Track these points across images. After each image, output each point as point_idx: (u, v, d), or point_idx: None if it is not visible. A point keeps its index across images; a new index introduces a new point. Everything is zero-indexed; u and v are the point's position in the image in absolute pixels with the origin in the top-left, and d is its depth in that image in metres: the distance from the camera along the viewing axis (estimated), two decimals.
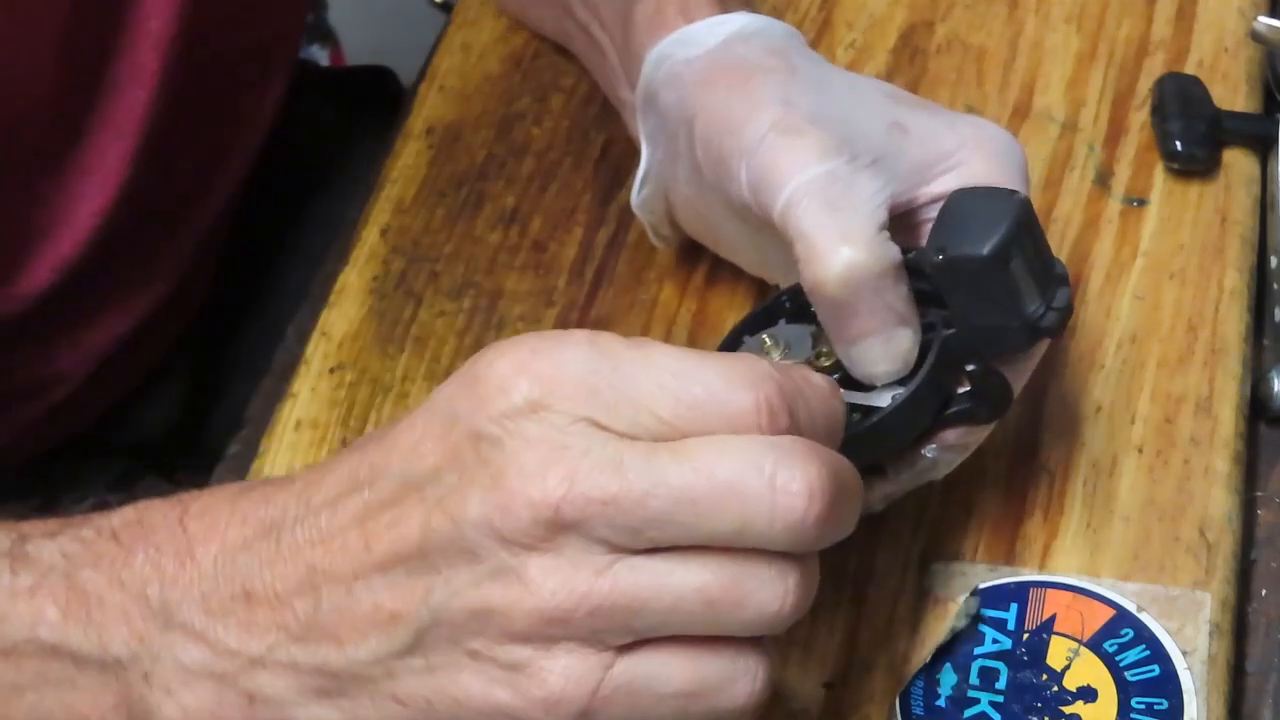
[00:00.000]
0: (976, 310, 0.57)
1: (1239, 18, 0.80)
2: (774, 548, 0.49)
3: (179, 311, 0.88)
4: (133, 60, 0.73)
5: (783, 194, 0.57)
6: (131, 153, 0.75)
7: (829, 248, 0.56)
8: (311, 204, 0.94)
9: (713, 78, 0.63)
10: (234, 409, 0.75)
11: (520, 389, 0.49)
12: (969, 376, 0.58)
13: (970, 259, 0.55)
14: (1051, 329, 0.57)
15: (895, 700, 0.60)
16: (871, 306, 0.56)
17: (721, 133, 0.61)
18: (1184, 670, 0.60)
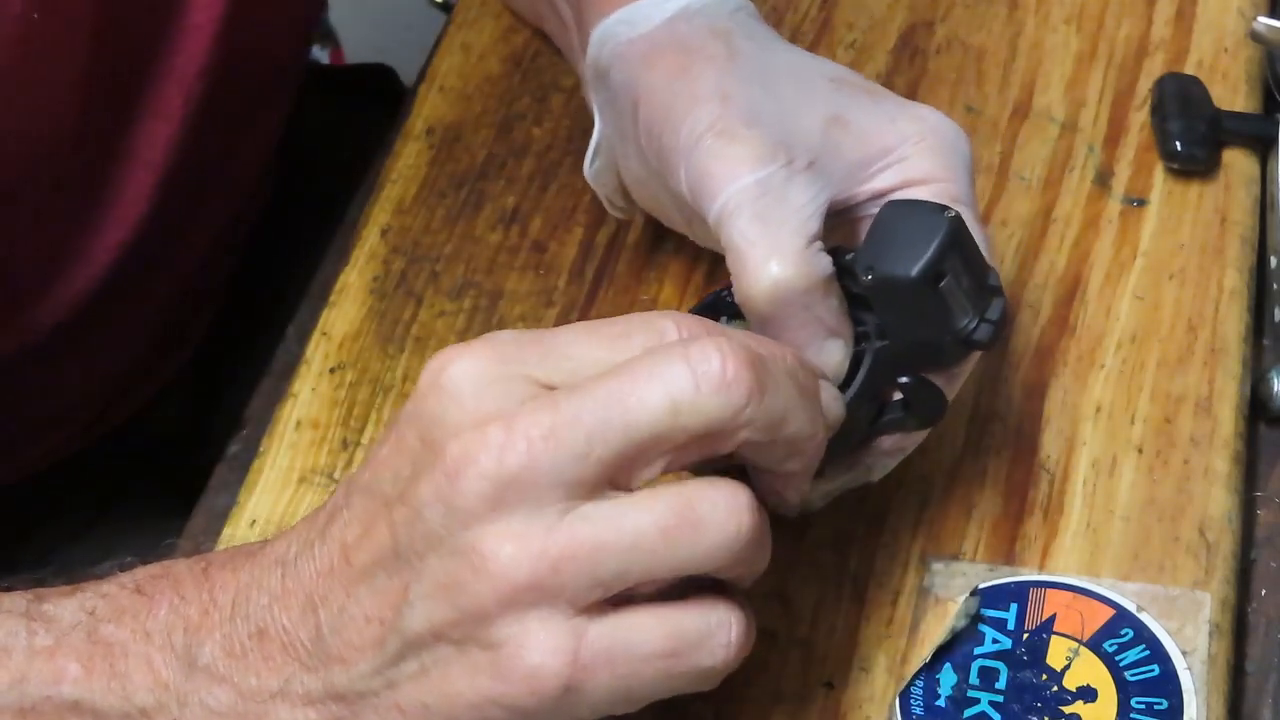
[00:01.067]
0: (908, 326, 0.57)
1: (1238, 18, 0.80)
2: (713, 423, 0.49)
3: (191, 326, 0.88)
4: (157, 96, 0.73)
5: (716, 203, 0.58)
6: (154, 185, 0.75)
7: (757, 264, 0.56)
8: (312, 203, 0.94)
9: (653, 61, 0.62)
10: (234, 409, 0.75)
11: (454, 364, 0.50)
12: (902, 389, 0.58)
13: (899, 279, 0.56)
14: (983, 342, 0.57)
15: (895, 700, 0.60)
16: (800, 321, 0.57)
17: (662, 126, 0.61)
18: (1184, 670, 0.60)
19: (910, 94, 0.79)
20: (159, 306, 0.83)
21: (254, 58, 0.77)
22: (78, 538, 0.84)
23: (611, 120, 0.65)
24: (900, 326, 0.57)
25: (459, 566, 0.49)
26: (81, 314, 0.77)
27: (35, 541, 0.83)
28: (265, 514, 0.68)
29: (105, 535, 0.84)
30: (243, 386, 0.76)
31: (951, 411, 0.60)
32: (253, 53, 0.77)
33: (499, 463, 0.48)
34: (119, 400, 0.85)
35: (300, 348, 0.74)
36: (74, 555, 0.82)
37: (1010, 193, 0.75)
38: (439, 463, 0.49)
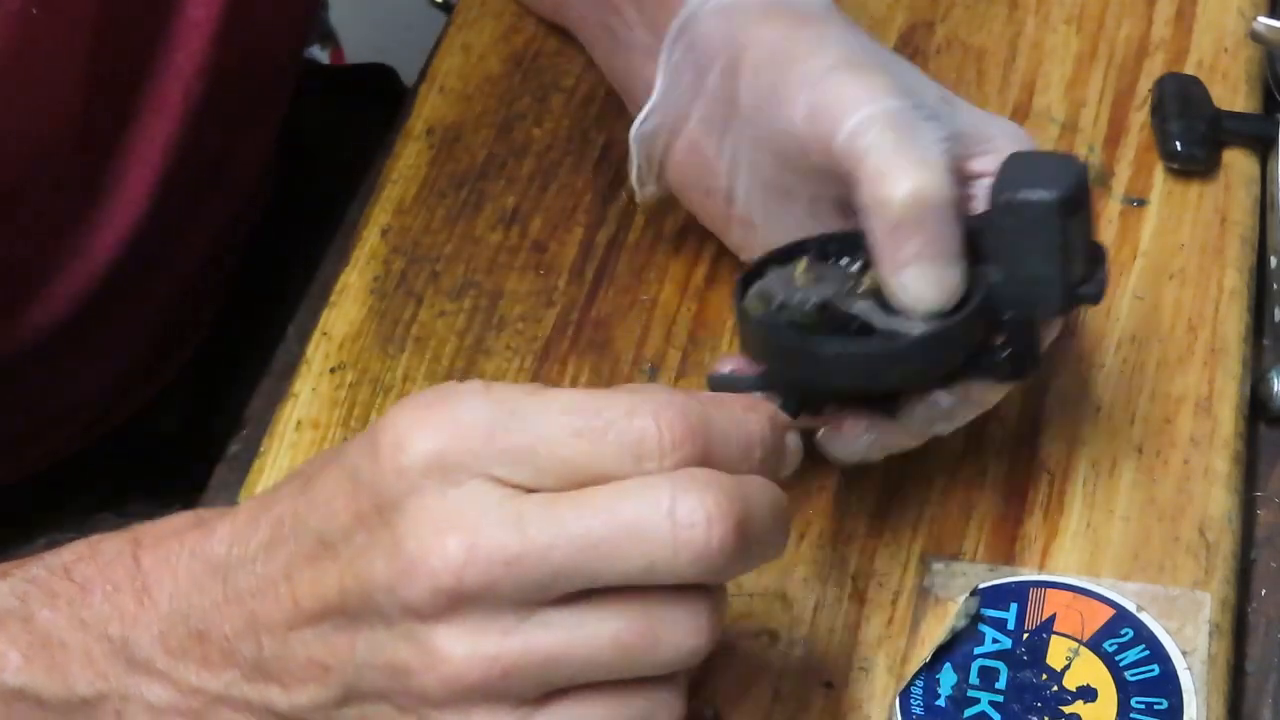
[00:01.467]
0: (1027, 260, 0.57)
1: (1238, 18, 0.80)
2: (685, 581, 0.48)
3: (192, 326, 0.88)
4: (157, 94, 0.73)
5: (851, 119, 0.58)
6: (153, 184, 0.75)
7: (901, 165, 0.57)
8: (312, 203, 0.94)
9: (771, 16, 0.63)
10: (234, 409, 0.75)
11: (416, 445, 0.48)
12: (1006, 325, 0.58)
13: (1038, 203, 0.56)
14: (1090, 296, 0.58)
15: (895, 700, 0.60)
16: (932, 233, 0.57)
17: (780, 63, 0.61)
18: (1184, 670, 0.60)
19: None
20: (159, 306, 0.83)
21: (252, 56, 0.77)
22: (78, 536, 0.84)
23: (685, 78, 0.65)
24: (1018, 260, 0.57)
25: (409, 654, 0.48)
26: (81, 313, 0.77)
27: (35, 540, 0.83)
28: None
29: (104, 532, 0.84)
30: (243, 386, 0.76)
31: None
32: (251, 51, 0.77)
33: (457, 579, 0.47)
34: (120, 400, 0.85)
35: (300, 348, 0.74)
36: None
37: None
38: (395, 552, 0.48)
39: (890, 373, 0.57)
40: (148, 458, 0.89)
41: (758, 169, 0.64)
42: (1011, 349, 0.59)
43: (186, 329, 0.88)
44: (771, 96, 0.61)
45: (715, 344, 0.71)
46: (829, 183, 0.61)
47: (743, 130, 0.64)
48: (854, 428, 0.60)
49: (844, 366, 0.57)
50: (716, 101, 0.64)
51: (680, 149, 0.67)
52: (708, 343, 0.72)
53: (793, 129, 0.60)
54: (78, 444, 0.84)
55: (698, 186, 0.68)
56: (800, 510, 0.66)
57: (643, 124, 0.67)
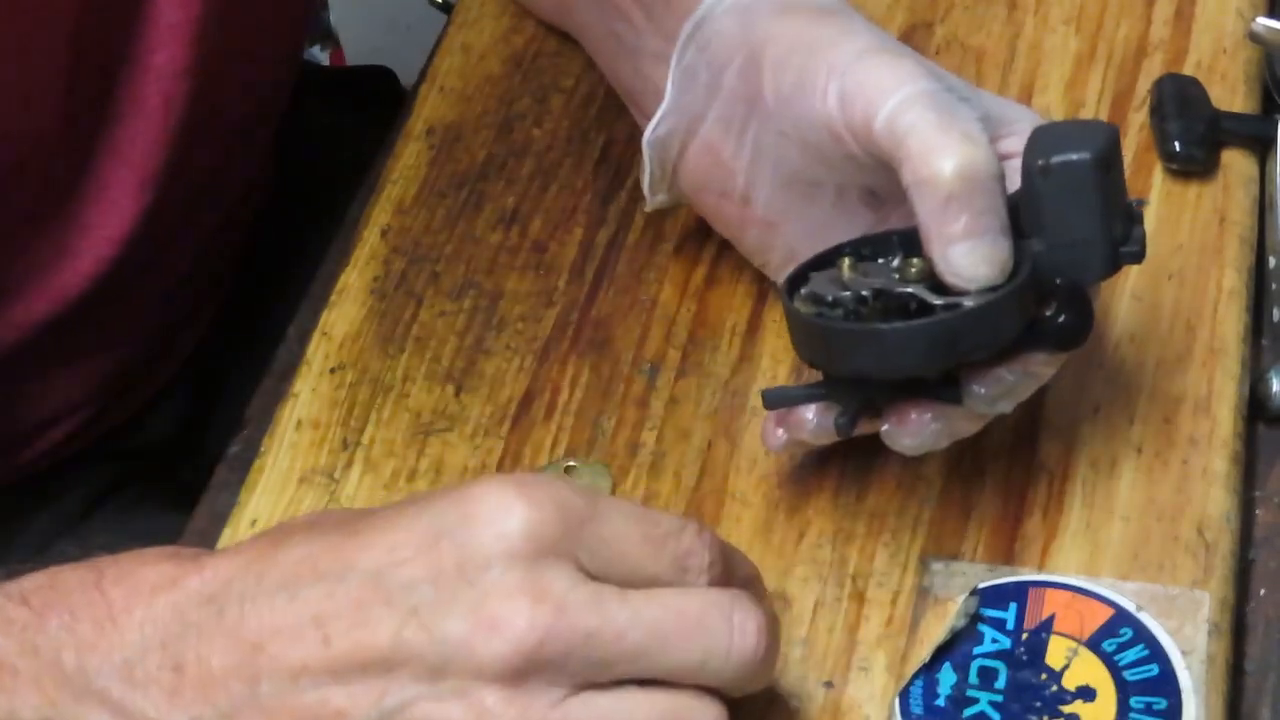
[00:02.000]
0: (1069, 223, 0.58)
1: (1237, 19, 0.80)
2: (723, 682, 0.52)
3: (188, 327, 0.88)
4: (136, 95, 0.73)
5: (890, 100, 0.58)
6: (139, 184, 0.75)
7: (947, 142, 0.57)
8: (312, 204, 0.94)
9: (789, 12, 0.63)
10: (234, 409, 0.75)
11: (519, 514, 0.51)
12: (1057, 291, 0.58)
13: (1076, 162, 0.57)
14: (1134, 255, 0.59)
15: (895, 700, 0.60)
16: (981, 206, 0.57)
17: (806, 53, 0.61)
18: (1183, 670, 0.60)
19: None
20: (152, 308, 0.83)
21: (240, 58, 0.77)
22: (73, 534, 0.84)
23: (699, 80, 0.65)
24: (1060, 224, 0.58)
25: (454, 707, 0.50)
26: (73, 313, 0.77)
27: (31, 537, 0.83)
28: (265, 514, 0.68)
29: (100, 532, 0.84)
30: (243, 387, 0.76)
31: None
32: (238, 53, 0.77)
33: (540, 644, 0.50)
34: (116, 400, 0.85)
35: (300, 348, 0.74)
36: (68, 552, 0.83)
37: None
38: (478, 610, 0.50)
39: (955, 345, 0.57)
40: (146, 456, 0.89)
41: (781, 165, 0.64)
42: (1064, 316, 0.59)
43: (183, 330, 0.88)
44: (799, 86, 0.61)
45: (715, 344, 0.72)
46: (859, 171, 0.62)
47: (766, 125, 0.63)
48: (920, 418, 0.60)
49: (910, 344, 0.57)
50: (735, 100, 0.64)
51: (694, 152, 0.67)
52: (708, 343, 0.72)
53: (824, 116, 0.60)
54: (76, 444, 0.84)
55: (712, 189, 0.68)
56: (800, 510, 0.66)
57: (655, 129, 0.67)
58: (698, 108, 0.66)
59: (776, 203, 0.66)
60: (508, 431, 0.70)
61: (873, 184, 0.63)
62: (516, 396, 0.71)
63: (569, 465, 0.69)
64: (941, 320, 0.57)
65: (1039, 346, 0.60)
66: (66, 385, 0.82)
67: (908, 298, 0.58)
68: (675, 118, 0.67)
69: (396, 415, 0.71)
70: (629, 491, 0.68)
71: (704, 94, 0.65)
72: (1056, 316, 0.59)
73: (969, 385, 0.60)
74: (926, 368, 0.58)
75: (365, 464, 0.69)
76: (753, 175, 0.66)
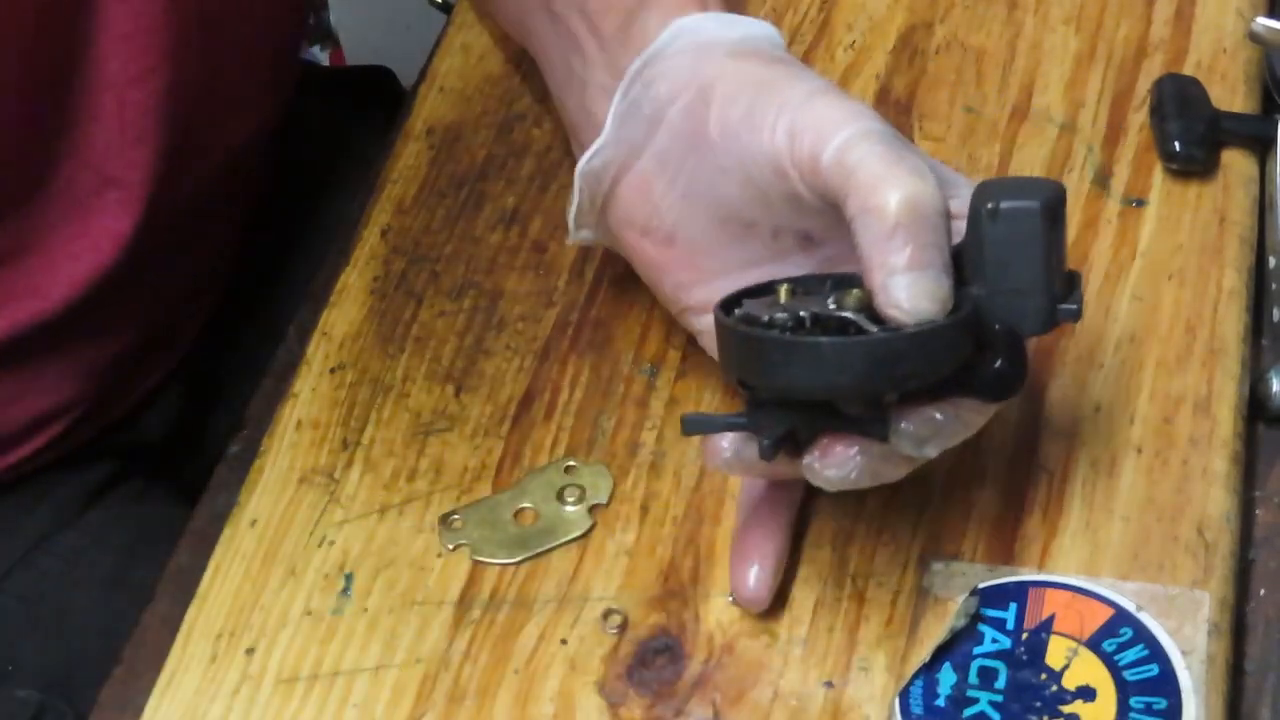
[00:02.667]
0: (1012, 270, 0.58)
1: (1237, 19, 0.80)
2: None
3: (184, 323, 0.88)
4: (90, 100, 0.73)
5: (840, 135, 0.58)
6: (120, 190, 0.75)
7: (896, 175, 0.57)
8: (312, 204, 0.94)
9: (741, 55, 0.64)
10: (235, 409, 0.75)
11: None
12: (996, 338, 0.58)
13: (1024, 209, 0.57)
14: (1072, 314, 0.58)
15: (895, 700, 0.60)
16: (927, 241, 0.57)
17: (757, 91, 0.62)
18: (1183, 670, 0.60)
19: (910, 94, 0.79)
20: (147, 306, 0.83)
21: (216, 72, 0.77)
22: (73, 527, 0.84)
23: (644, 113, 0.65)
24: (1000, 274, 0.58)
25: None
26: (63, 314, 0.77)
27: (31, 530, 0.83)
28: (266, 514, 0.68)
29: (100, 525, 0.84)
30: (240, 384, 0.76)
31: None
32: (212, 67, 0.77)
33: None
34: (110, 396, 0.85)
35: (301, 348, 0.74)
36: (64, 542, 0.83)
37: None
38: None
39: (893, 367, 0.56)
40: (141, 455, 0.89)
41: (718, 203, 0.64)
42: (1001, 362, 0.58)
43: (177, 327, 0.88)
44: (748, 121, 0.61)
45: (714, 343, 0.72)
46: (797, 212, 0.61)
47: (707, 161, 0.63)
48: (846, 450, 0.58)
49: (848, 359, 0.56)
50: (676, 136, 0.64)
51: (626, 187, 0.66)
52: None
53: (771, 151, 0.60)
54: (67, 442, 0.84)
55: (636, 226, 0.67)
56: (800, 510, 0.66)
57: (590, 160, 0.67)
58: (637, 142, 0.66)
59: (707, 240, 0.65)
60: (508, 431, 0.70)
61: (809, 227, 0.63)
62: (516, 396, 0.71)
63: (569, 465, 0.69)
64: (883, 338, 0.56)
65: (973, 391, 0.59)
66: (58, 382, 0.82)
67: (846, 321, 0.57)
68: (612, 150, 0.66)
69: (396, 415, 0.71)
70: (629, 491, 0.68)
71: (645, 128, 0.65)
72: (993, 362, 0.58)
73: (898, 423, 0.58)
74: (862, 387, 0.57)
75: (365, 464, 0.70)
76: (683, 213, 0.65)
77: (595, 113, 0.68)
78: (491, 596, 0.65)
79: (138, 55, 0.73)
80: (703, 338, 0.67)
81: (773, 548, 0.63)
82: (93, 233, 0.76)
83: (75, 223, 0.76)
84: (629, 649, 0.63)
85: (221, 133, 0.81)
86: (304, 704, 0.63)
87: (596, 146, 0.66)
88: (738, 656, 0.63)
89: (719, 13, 0.66)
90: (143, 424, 0.88)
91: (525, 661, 0.63)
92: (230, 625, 0.65)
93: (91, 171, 0.75)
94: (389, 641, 0.64)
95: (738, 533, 0.64)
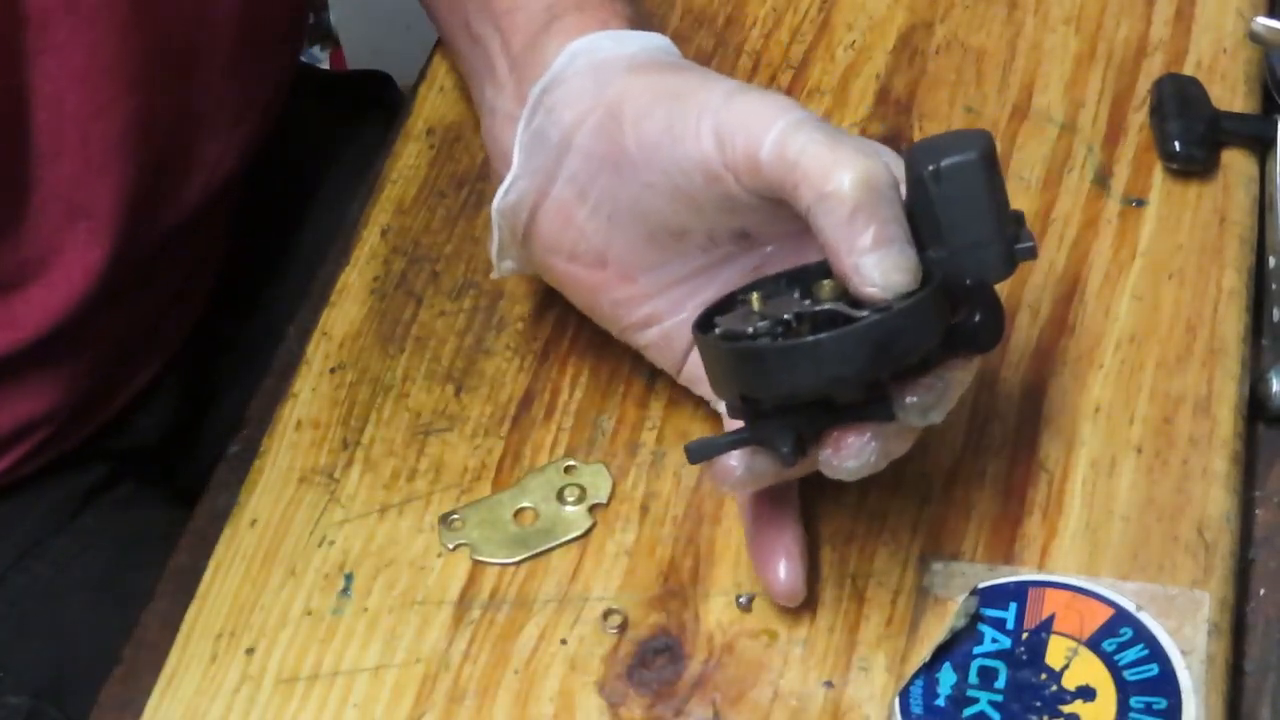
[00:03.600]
0: (964, 225, 0.58)
1: (1237, 19, 0.80)
2: None
3: (171, 330, 0.88)
4: (55, 132, 0.73)
5: (773, 129, 0.58)
6: (94, 220, 0.76)
7: (844, 155, 0.57)
8: (312, 204, 0.94)
9: (642, 69, 0.63)
10: (234, 409, 0.75)
11: None
12: (969, 294, 0.58)
13: (963, 163, 0.57)
14: (1029, 252, 0.59)
15: (895, 700, 0.60)
16: (887, 216, 0.57)
17: (671, 101, 0.61)
18: (1182, 669, 0.60)
19: (910, 94, 0.79)
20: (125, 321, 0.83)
21: (181, 98, 0.77)
22: (65, 530, 0.84)
23: (552, 140, 0.64)
24: (954, 232, 0.58)
25: None
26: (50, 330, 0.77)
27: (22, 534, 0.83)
28: (266, 514, 0.68)
29: (92, 528, 0.84)
30: (233, 387, 0.76)
31: (951, 411, 0.60)
32: (180, 94, 0.77)
33: None
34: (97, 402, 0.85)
35: (301, 347, 0.74)
36: (56, 546, 0.83)
37: (1010, 193, 0.75)
38: None
39: (892, 347, 0.56)
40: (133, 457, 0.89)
41: (647, 218, 0.63)
42: (980, 315, 0.59)
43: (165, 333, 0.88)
44: (668, 132, 0.61)
45: None
46: (732, 213, 0.61)
47: (629, 180, 0.62)
48: (859, 439, 0.59)
49: (850, 350, 0.56)
50: (589, 159, 0.63)
51: (546, 215, 0.66)
52: None
53: (700, 157, 0.60)
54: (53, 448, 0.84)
55: (563, 253, 0.66)
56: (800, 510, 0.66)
57: (505, 196, 0.66)
58: (548, 170, 0.65)
59: (638, 258, 0.65)
60: (508, 431, 0.70)
61: (745, 225, 0.63)
62: (516, 396, 0.71)
63: (569, 465, 0.69)
64: (878, 321, 0.56)
65: (961, 348, 0.59)
66: (38, 392, 0.81)
67: (831, 314, 0.57)
68: (524, 183, 0.66)
69: (396, 415, 0.71)
70: (629, 491, 0.68)
71: (555, 155, 0.64)
72: (972, 317, 0.58)
73: (901, 398, 0.58)
74: (868, 374, 0.57)
75: (365, 464, 0.69)
76: (611, 234, 0.64)
77: (503, 141, 0.67)
78: (491, 596, 0.65)
79: (97, 90, 0.73)
80: (649, 352, 0.67)
81: (791, 538, 0.63)
82: (65, 263, 0.77)
83: (48, 254, 0.76)
84: (629, 649, 0.63)
85: (201, 155, 0.81)
86: (304, 704, 0.63)
87: (509, 181, 0.66)
88: (738, 656, 0.63)
89: (614, 30, 0.65)
90: (134, 427, 0.88)
91: (525, 661, 0.63)
92: (230, 625, 0.65)
93: (61, 203, 0.75)
94: (389, 641, 0.64)
95: (751, 534, 0.64)
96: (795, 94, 0.80)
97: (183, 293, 0.87)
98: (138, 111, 0.75)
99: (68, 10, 0.71)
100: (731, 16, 0.83)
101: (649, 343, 0.66)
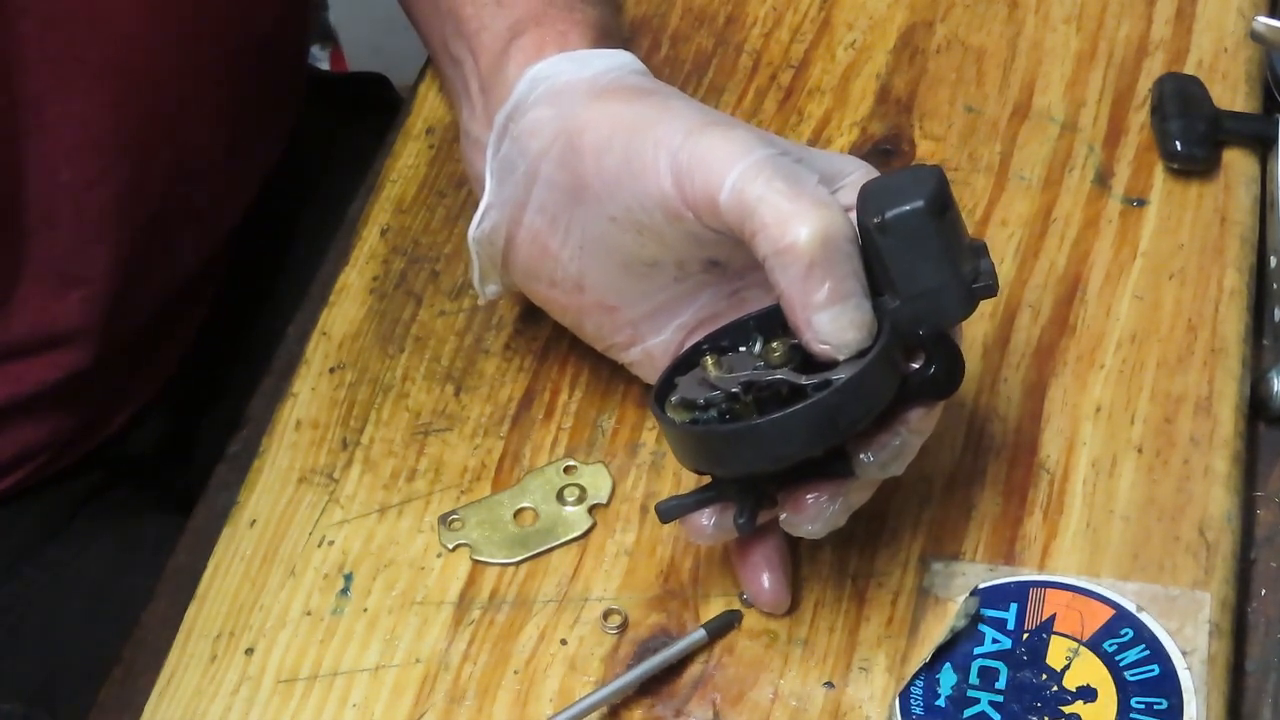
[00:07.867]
0: (917, 274, 0.57)
1: (1238, 18, 0.80)
2: None
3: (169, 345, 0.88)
4: (46, 205, 0.73)
5: (732, 173, 0.57)
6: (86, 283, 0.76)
7: (802, 207, 0.56)
8: (311, 205, 0.94)
9: (602, 96, 0.63)
10: (224, 418, 0.75)
11: None
12: (924, 343, 0.58)
13: (909, 213, 0.56)
14: (987, 290, 0.58)
15: (895, 700, 0.60)
16: (843, 272, 0.56)
17: (629, 135, 0.60)
18: (1183, 670, 0.60)
19: (910, 94, 0.79)
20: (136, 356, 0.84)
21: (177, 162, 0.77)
22: (60, 537, 0.83)
23: (518, 171, 0.64)
24: (909, 277, 0.57)
25: None
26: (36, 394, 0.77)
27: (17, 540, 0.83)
28: (265, 514, 0.68)
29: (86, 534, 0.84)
30: (229, 395, 0.76)
31: (951, 411, 0.60)
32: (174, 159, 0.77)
33: None
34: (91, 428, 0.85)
35: (300, 347, 0.74)
36: (50, 553, 0.82)
37: (1010, 192, 0.75)
38: None
39: (835, 422, 0.56)
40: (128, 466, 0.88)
41: (616, 250, 0.63)
42: (935, 367, 0.58)
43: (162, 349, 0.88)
44: (627, 168, 0.60)
45: None
46: (699, 246, 0.61)
47: (594, 212, 0.62)
48: (817, 501, 0.59)
49: (791, 432, 0.56)
50: (555, 189, 0.63)
51: (522, 242, 0.65)
52: None
53: (659, 195, 0.59)
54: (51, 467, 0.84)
55: (543, 279, 0.66)
56: None
57: (480, 225, 0.66)
58: (518, 199, 0.64)
59: (614, 287, 0.64)
60: (508, 431, 0.70)
61: (714, 255, 0.62)
62: (516, 396, 0.71)
63: (569, 465, 0.68)
64: (817, 402, 0.56)
65: (918, 400, 0.59)
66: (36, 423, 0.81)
67: (778, 384, 0.57)
68: (498, 211, 0.65)
69: (396, 415, 0.71)
70: (629, 491, 0.68)
71: (523, 185, 0.64)
72: (927, 369, 0.58)
73: (858, 456, 0.59)
74: (811, 450, 0.57)
75: (365, 464, 0.69)
76: (584, 263, 0.64)
77: (477, 165, 0.67)
78: (491, 596, 0.65)
79: (89, 162, 0.73)
80: (634, 368, 0.67)
81: (772, 547, 0.63)
82: (61, 332, 0.77)
83: (43, 324, 0.76)
84: (629, 649, 0.63)
85: (199, 216, 0.81)
86: (303, 704, 0.63)
87: (483, 209, 0.66)
88: (738, 656, 0.63)
89: (575, 51, 0.65)
90: (130, 438, 0.88)
91: (525, 661, 0.63)
92: (230, 625, 0.65)
93: (55, 273, 0.75)
94: (388, 641, 0.64)
95: (734, 546, 0.64)
96: (795, 93, 0.80)
97: (180, 307, 0.86)
98: (130, 177, 0.75)
99: (61, 90, 0.71)
100: (732, 15, 0.83)
101: (633, 361, 0.67)
